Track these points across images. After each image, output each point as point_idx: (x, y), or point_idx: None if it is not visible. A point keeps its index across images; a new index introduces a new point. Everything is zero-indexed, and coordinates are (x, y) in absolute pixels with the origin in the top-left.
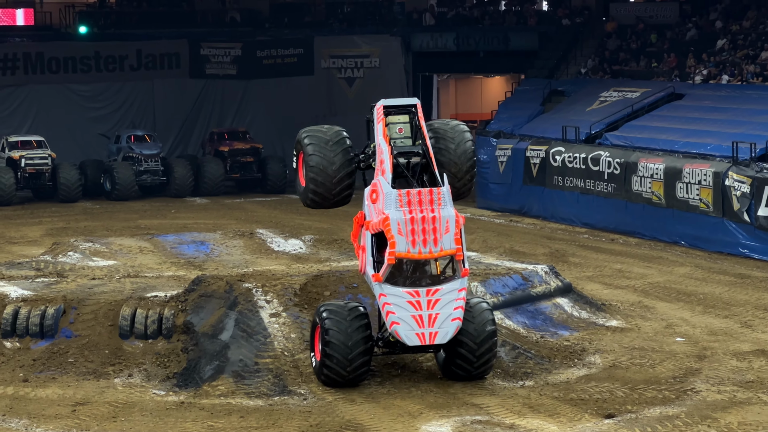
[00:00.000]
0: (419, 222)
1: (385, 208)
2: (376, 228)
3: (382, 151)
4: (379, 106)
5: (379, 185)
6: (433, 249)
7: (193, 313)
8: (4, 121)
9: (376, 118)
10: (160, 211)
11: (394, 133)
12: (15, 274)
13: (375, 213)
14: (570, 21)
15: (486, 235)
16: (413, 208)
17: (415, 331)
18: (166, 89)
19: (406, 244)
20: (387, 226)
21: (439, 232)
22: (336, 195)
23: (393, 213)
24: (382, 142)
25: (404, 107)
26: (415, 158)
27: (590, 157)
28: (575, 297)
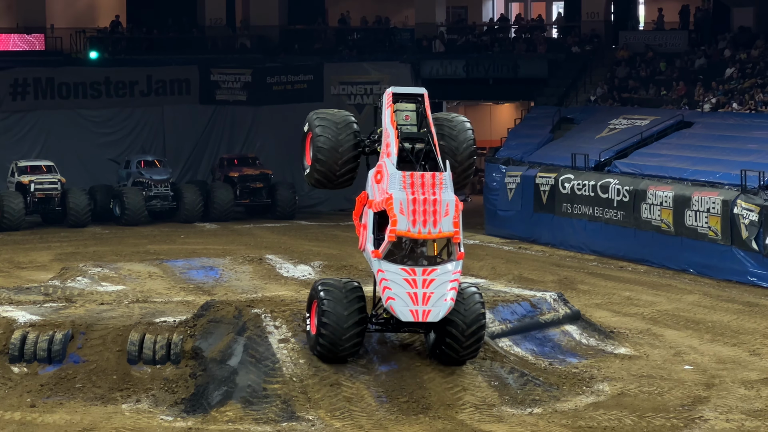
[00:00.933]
0: (421, 203)
1: (389, 188)
2: (378, 207)
3: (388, 135)
4: (389, 92)
5: (384, 166)
6: (432, 230)
7: (201, 339)
8: (14, 146)
9: (384, 104)
10: (170, 236)
11: (400, 119)
12: (23, 299)
13: (378, 192)
14: (579, 49)
15: (495, 262)
16: (416, 189)
17: (409, 308)
18: (176, 115)
19: (407, 223)
20: (390, 204)
21: (439, 215)
22: (340, 176)
23: (396, 193)
24: (389, 126)
25: (412, 96)
26: (419, 144)
27: (599, 184)
28: (584, 324)
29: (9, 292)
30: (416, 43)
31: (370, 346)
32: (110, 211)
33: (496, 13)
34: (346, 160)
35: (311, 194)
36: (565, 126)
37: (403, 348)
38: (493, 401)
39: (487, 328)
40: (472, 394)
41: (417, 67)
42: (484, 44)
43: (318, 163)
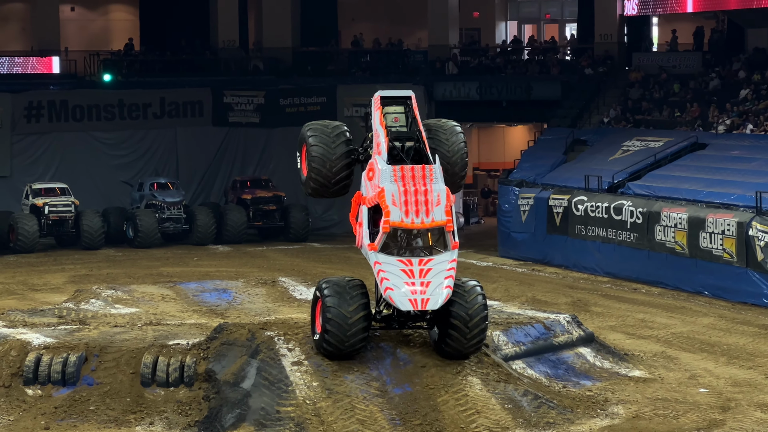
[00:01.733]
0: (412, 194)
1: (380, 182)
2: (372, 201)
3: (378, 135)
4: (377, 96)
5: (375, 163)
6: (425, 219)
7: (214, 361)
8: (28, 168)
9: (373, 107)
10: (183, 258)
11: (390, 121)
12: (37, 322)
13: (371, 188)
14: (593, 70)
15: (508, 284)
16: (407, 181)
17: (408, 297)
18: (189, 137)
19: (400, 214)
20: (382, 197)
21: (431, 204)
22: (335, 184)
23: (388, 185)
24: (379, 127)
25: (400, 98)
26: (409, 142)
27: (613, 206)
28: (598, 347)
29: (23, 315)
30: (429, 64)
31: (384, 368)
32: (123, 233)
33: (509, 35)
34: (340, 168)
35: (324, 216)
36: (579, 148)
37: (417, 370)
38: (506, 424)
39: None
40: (486, 417)
41: (430, 89)
42: (498, 66)
43: (313, 172)
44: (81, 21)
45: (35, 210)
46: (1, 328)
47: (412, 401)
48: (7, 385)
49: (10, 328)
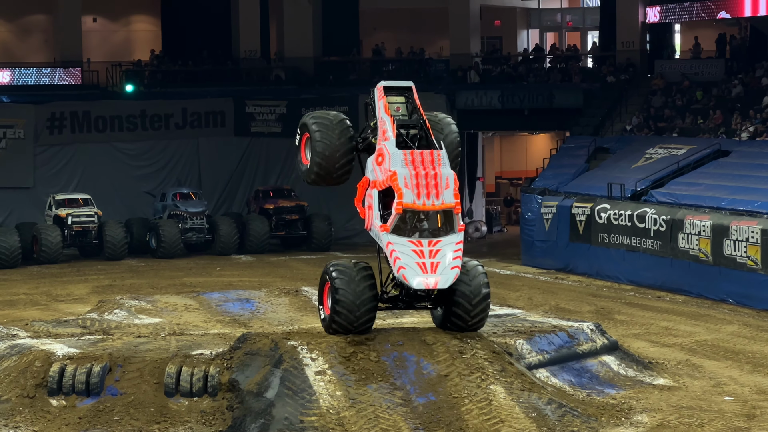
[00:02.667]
0: (423, 177)
1: (391, 166)
2: (383, 184)
3: (384, 122)
4: (379, 86)
5: (384, 149)
6: (436, 201)
7: (238, 371)
8: (51, 179)
9: (377, 97)
10: (206, 268)
11: (392, 110)
12: (61, 332)
13: (381, 172)
14: (615, 78)
15: (531, 292)
16: (417, 165)
17: (419, 277)
18: (212, 147)
19: (412, 196)
20: (395, 180)
21: (441, 187)
22: (337, 170)
23: (400, 169)
24: (384, 115)
25: (402, 89)
26: (413, 130)
27: (636, 214)
28: (621, 355)
29: (47, 325)
30: (451, 73)
31: (407, 377)
32: (146, 243)
33: (530, 44)
34: (343, 156)
35: (347, 226)
36: (601, 156)
37: (440, 380)
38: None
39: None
40: (510, 426)
41: (452, 97)
42: (519, 75)
43: (318, 159)
44: (103, 32)
45: (58, 221)
46: (26, 339)
47: (436, 410)
48: (31, 396)
49: (34, 339)
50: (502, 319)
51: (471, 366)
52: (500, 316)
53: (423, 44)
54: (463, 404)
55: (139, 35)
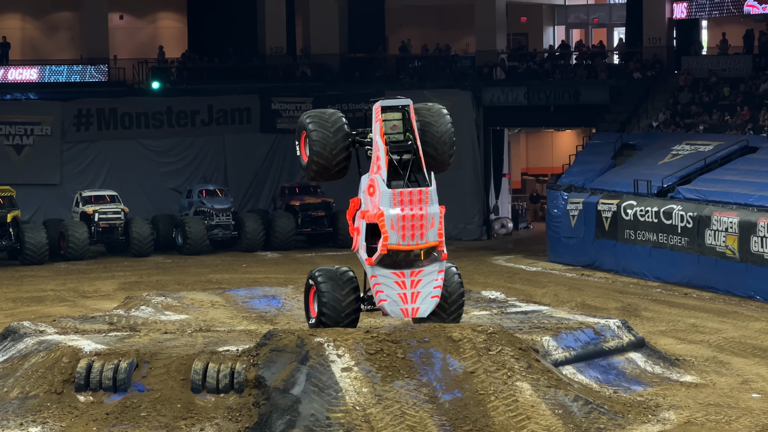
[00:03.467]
0: (409, 219)
1: (380, 204)
2: (371, 219)
3: (378, 149)
4: (377, 106)
5: (376, 182)
6: (420, 241)
7: (264, 368)
8: (78, 176)
9: (374, 118)
10: (232, 265)
11: (388, 128)
12: (89, 328)
13: (371, 206)
14: (641, 74)
15: (557, 289)
16: (405, 206)
17: (400, 307)
18: (237, 144)
19: (397, 237)
20: (382, 221)
21: (426, 228)
22: (335, 166)
23: (387, 210)
24: (378, 140)
25: (398, 107)
26: (406, 155)
27: (662, 210)
28: (648, 352)
29: (74, 321)
30: (477, 70)
31: (433, 374)
32: (172, 240)
33: (556, 40)
34: (339, 152)
35: None
36: (627, 152)
37: (466, 376)
38: (557, 430)
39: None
40: (536, 423)
41: (478, 94)
42: (545, 71)
43: (315, 156)
44: (129, 29)
45: (85, 217)
46: (53, 335)
47: (462, 407)
48: (58, 392)
49: (62, 335)
50: (528, 315)
51: (497, 362)
52: (526, 312)
53: (449, 41)
54: (489, 401)
55: (165, 32)
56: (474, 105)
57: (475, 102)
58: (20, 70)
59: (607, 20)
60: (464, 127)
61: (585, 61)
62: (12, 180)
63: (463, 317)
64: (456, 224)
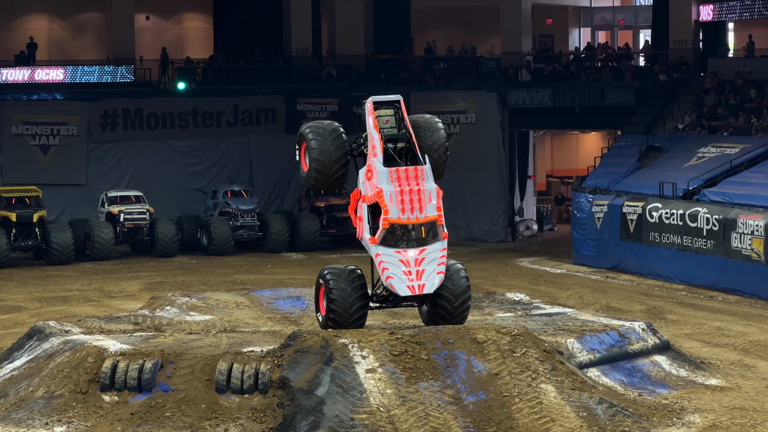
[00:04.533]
0: (407, 193)
1: (378, 183)
2: (371, 200)
3: (373, 138)
4: (370, 101)
5: (372, 165)
6: (419, 215)
7: (289, 369)
8: (104, 176)
9: (367, 112)
10: (256, 266)
11: (382, 123)
12: (114, 328)
13: (370, 188)
14: (667, 76)
15: (582, 291)
16: (402, 182)
17: (406, 284)
18: (263, 144)
19: (397, 211)
20: (381, 197)
21: (424, 202)
22: (334, 174)
23: (385, 186)
24: (373, 131)
25: (390, 102)
26: (400, 144)
27: (688, 213)
28: (673, 355)
29: (100, 321)
30: (503, 72)
31: (458, 376)
32: (197, 240)
33: (582, 42)
34: (338, 162)
35: None
36: (653, 155)
37: (491, 378)
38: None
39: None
40: (561, 425)
41: (503, 96)
42: (571, 73)
43: (314, 165)
44: (156, 30)
45: (111, 218)
46: (78, 335)
47: (487, 409)
48: (84, 392)
49: (87, 335)
50: (552, 317)
51: (522, 365)
52: (551, 314)
53: (474, 42)
54: (513, 403)
55: (191, 33)
56: (499, 107)
57: (500, 104)
58: (47, 70)
59: (633, 22)
60: (489, 128)
61: (611, 63)
62: (38, 180)
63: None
64: (481, 226)
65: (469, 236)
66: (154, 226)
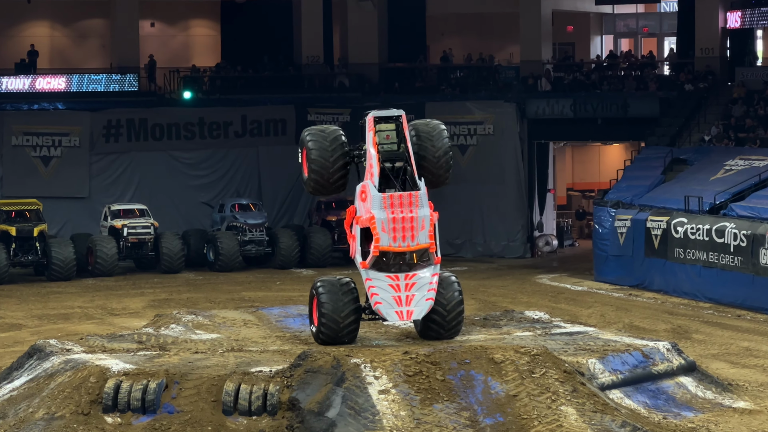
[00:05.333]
0: (399, 221)
1: (372, 208)
2: (364, 224)
3: (371, 157)
4: (370, 117)
5: (367, 188)
6: (411, 243)
7: (298, 390)
8: (107, 189)
9: (367, 127)
10: (265, 282)
11: (382, 139)
12: (117, 347)
13: (364, 210)
14: (693, 86)
15: (604, 309)
16: (395, 209)
17: (395, 310)
18: (272, 156)
19: (389, 239)
20: (373, 224)
21: (416, 230)
22: (333, 182)
23: (378, 213)
24: (371, 149)
25: (392, 117)
26: (398, 163)
27: (714, 228)
28: (699, 376)
29: (102, 340)
30: (521, 81)
31: (474, 397)
32: (204, 256)
33: (604, 50)
34: (337, 169)
35: None
36: (678, 167)
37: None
38: None
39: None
40: None
41: (522, 106)
42: (593, 82)
43: (313, 173)
44: (161, 37)
45: (114, 232)
46: (80, 354)
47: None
48: (86, 413)
49: (89, 354)
50: (573, 337)
51: (541, 386)
52: (571, 334)
53: (492, 50)
54: (532, 426)
55: (198, 40)
56: (518, 117)
57: (519, 114)
58: (48, 79)
59: (657, 29)
60: (508, 140)
61: (634, 71)
62: (39, 193)
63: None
64: (498, 241)
65: (487, 252)
66: (159, 240)
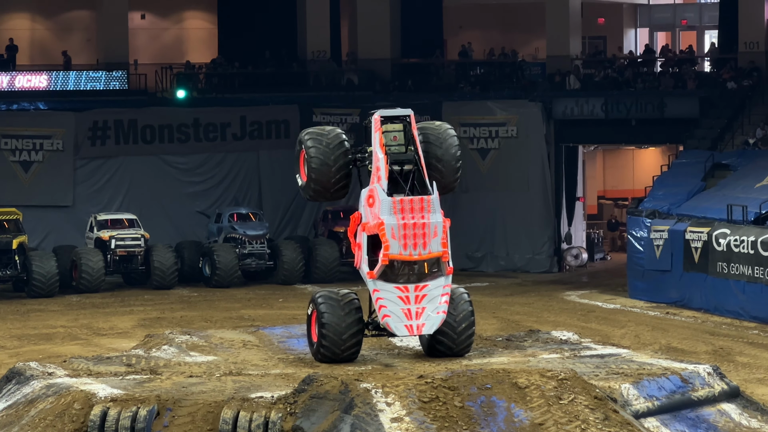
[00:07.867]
0: (411, 227)
1: (380, 213)
2: (371, 231)
3: (378, 159)
4: (377, 116)
5: (375, 192)
6: (422, 251)
7: (303, 417)
8: (93, 197)
9: (373, 128)
10: (266, 299)
11: (389, 140)
12: (103, 370)
13: (371, 216)
14: (736, 84)
15: (639, 329)
16: (405, 214)
17: (404, 323)
18: (274, 161)
19: (399, 247)
20: (382, 230)
21: (428, 237)
22: (334, 186)
23: (387, 219)
24: (378, 151)
25: (399, 117)
26: (407, 166)
27: (760, 240)
28: (744, 403)
29: (88, 363)
30: (548, 78)
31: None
32: (199, 270)
33: (639, 44)
34: (339, 174)
35: None
36: (720, 173)
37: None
38: None
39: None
40: None
41: (549, 106)
42: (626, 80)
43: (313, 177)
44: (152, 30)
45: (100, 244)
46: (63, 378)
47: None
48: None
49: (73, 378)
50: (605, 359)
51: (569, 413)
52: (603, 356)
53: (516, 45)
54: None
55: (192, 34)
56: (544, 118)
57: (545, 115)
58: (29, 76)
59: (697, 22)
60: (533, 143)
61: (671, 68)
62: (19, 201)
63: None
64: (523, 254)
65: (510, 266)
66: (150, 253)
